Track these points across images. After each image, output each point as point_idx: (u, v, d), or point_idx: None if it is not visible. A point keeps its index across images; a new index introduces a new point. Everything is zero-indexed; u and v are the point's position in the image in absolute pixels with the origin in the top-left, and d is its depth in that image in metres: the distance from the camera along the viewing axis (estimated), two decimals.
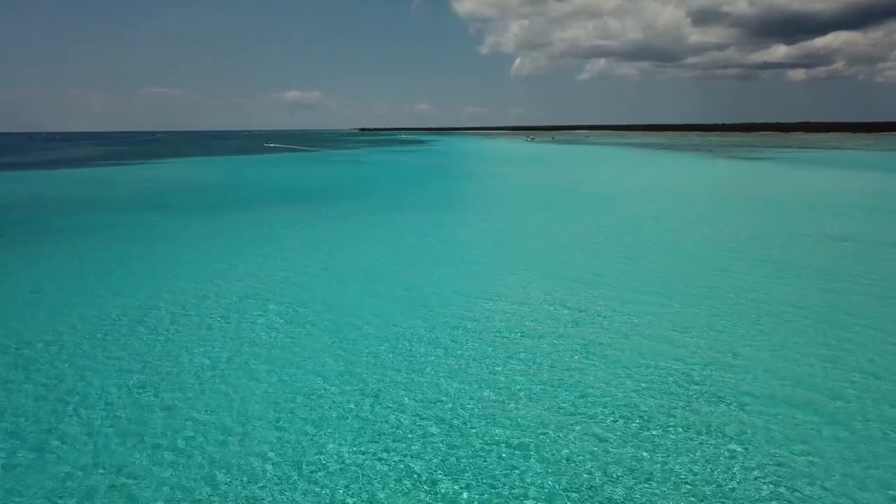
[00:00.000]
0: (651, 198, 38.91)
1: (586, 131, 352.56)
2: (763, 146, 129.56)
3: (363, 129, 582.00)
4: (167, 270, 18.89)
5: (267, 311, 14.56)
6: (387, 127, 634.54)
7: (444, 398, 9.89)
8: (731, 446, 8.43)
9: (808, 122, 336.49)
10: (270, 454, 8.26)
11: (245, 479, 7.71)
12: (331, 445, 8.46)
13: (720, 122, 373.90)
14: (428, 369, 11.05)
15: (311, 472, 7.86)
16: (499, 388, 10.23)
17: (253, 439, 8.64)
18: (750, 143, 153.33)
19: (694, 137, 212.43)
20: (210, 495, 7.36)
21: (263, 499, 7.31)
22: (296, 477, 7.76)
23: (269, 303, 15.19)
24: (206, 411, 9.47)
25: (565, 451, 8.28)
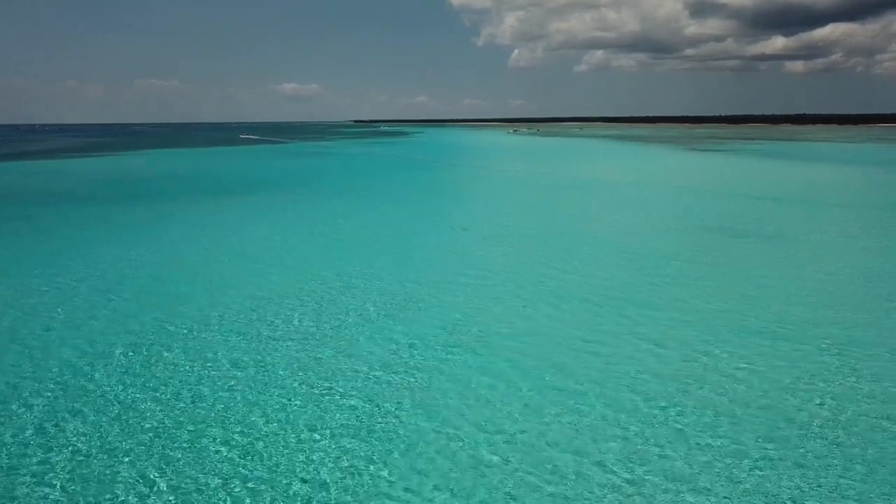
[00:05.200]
0: (564, 185, 39.63)
1: (579, 123, 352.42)
2: (738, 138, 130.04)
3: (358, 122, 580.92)
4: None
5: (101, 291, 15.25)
6: (385, 119, 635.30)
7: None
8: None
9: (804, 115, 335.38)
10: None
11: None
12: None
13: (718, 113, 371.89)
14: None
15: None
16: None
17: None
18: (727, 135, 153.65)
19: (678, 129, 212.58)
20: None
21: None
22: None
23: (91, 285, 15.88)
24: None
25: None
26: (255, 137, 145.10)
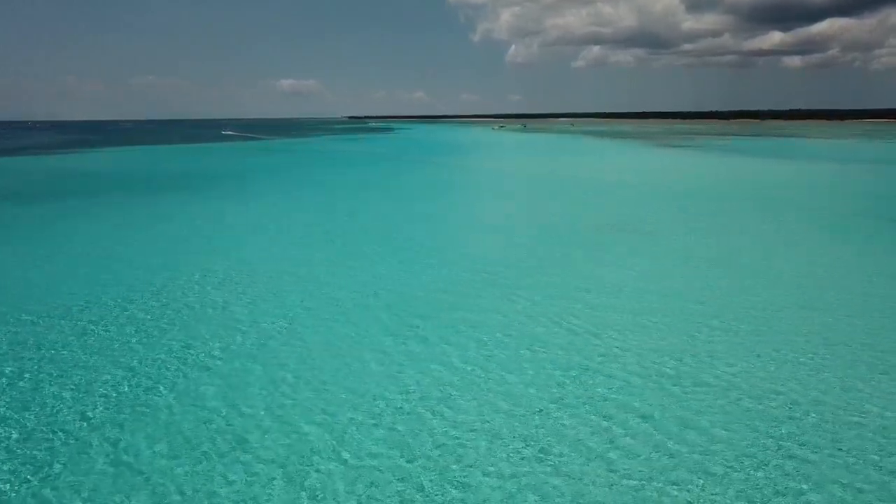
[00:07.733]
0: (502, 178, 40.74)
1: (570, 120, 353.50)
2: (713, 134, 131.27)
3: (352, 118, 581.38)
4: None
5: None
6: (381, 115, 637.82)
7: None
8: None
9: (799, 110, 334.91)
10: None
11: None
12: None
13: (716, 109, 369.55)
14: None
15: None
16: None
17: None
18: (706, 131, 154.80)
19: (662, 126, 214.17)
20: None
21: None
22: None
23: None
24: None
25: None
26: (236, 134, 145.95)
